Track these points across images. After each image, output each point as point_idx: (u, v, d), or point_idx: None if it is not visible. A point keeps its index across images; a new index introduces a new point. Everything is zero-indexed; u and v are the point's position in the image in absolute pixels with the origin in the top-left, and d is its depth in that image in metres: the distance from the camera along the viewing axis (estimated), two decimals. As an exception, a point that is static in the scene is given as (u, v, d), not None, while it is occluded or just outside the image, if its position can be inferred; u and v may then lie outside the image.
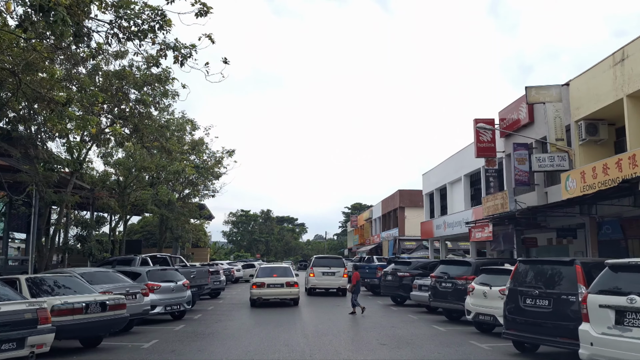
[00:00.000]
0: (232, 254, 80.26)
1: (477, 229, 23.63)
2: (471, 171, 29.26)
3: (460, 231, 28.81)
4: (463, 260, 14.87)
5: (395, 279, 19.17)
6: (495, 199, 22.86)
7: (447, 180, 32.68)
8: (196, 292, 17.77)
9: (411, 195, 44.81)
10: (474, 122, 25.03)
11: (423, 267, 19.33)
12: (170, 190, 34.31)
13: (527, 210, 18.96)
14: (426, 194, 37.49)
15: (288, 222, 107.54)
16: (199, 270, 17.98)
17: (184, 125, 37.61)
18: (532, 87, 19.88)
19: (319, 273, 23.19)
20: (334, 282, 23.12)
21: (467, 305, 12.57)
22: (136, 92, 22.55)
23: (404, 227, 44.16)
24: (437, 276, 14.80)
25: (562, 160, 19.36)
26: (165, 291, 14.64)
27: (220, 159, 39.67)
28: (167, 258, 18.77)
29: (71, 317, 9.50)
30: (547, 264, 9.49)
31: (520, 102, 22.72)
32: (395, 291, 19.22)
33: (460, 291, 13.94)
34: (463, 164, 30.15)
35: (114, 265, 17.76)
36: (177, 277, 15.35)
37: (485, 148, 24.74)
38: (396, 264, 20.08)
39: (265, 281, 19.12)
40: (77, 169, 23.14)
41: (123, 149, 29.11)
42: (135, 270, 15.11)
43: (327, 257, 25.03)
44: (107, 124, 20.54)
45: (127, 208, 31.59)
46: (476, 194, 29.70)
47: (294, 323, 14.19)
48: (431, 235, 34.50)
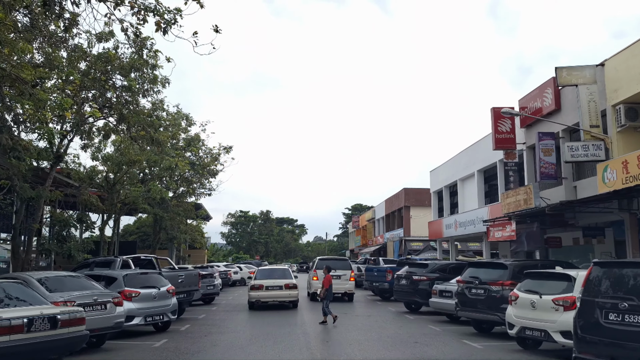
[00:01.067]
0: (231, 256, 77.80)
1: (497, 227, 21.28)
2: (485, 166, 26.94)
3: (474, 230, 26.51)
4: (497, 262, 12.53)
5: (410, 284, 16.82)
6: (517, 195, 20.51)
7: (458, 177, 30.34)
8: (185, 299, 15.41)
9: (417, 194, 42.48)
10: (492, 111, 22.72)
11: (441, 269, 16.99)
12: (163, 187, 31.95)
13: (560, 206, 16.65)
14: (434, 192, 35.15)
15: (288, 223, 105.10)
16: (188, 273, 15.61)
17: (179, 120, 35.35)
18: (562, 68, 17.58)
19: (323, 276, 20.79)
20: (340, 286, 20.74)
21: (508, 317, 10.21)
22: (122, 79, 20.29)
23: (409, 227, 41.82)
24: (466, 281, 12.43)
25: (597, 150, 17.04)
26: (146, 299, 12.28)
27: (217, 156, 37.36)
28: (153, 260, 16.40)
29: (7, 338, 7.16)
30: (635, 267, 7.14)
31: (544, 87, 20.42)
32: (410, 297, 16.85)
33: (494, 299, 11.60)
34: (476, 159, 27.83)
35: (92, 268, 15.42)
36: (161, 283, 12.99)
37: (504, 139, 22.42)
38: (410, 267, 17.72)
39: (264, 283, 18.37)
40: (54, 162, 20.81)
41: (112, 142, 26.84)
42: (110, 274, 12.75)
43: (332, 259, 22.63)
44: (90, 113, 18.19)
45: (117, 207, 29.25)
46: (491, 191, 27.39)
47: (296, 338, 11.83)
48: (440, 236, 32.15)
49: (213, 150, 37.41)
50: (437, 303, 14.77)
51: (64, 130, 21.28)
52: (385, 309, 18.49)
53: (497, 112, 22.60)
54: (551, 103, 19.86)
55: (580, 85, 17.32)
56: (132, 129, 20.82)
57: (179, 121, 35.17)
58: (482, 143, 27.20)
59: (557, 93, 19.66)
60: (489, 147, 26.18)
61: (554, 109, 19.75)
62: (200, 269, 22.26)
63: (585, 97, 17.26)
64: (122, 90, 20.54)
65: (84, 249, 21.02)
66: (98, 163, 28.18)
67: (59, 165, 24.66)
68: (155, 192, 29.18)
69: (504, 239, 20.91)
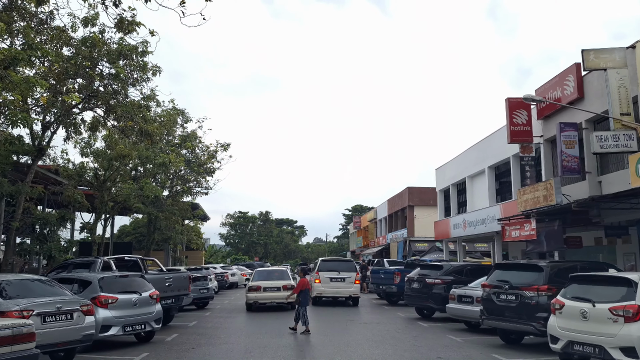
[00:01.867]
0: (229, 257, 76.00)
1: (514, 226, 19.58)
2: (497, 162, 25.26)
3: (485, 230, 24.83)
4: (530, 263, 10.83)
5: (423, 287, 15.12)
6: (535, 191, 18.82)
7: (467, 174, 28.66)
8: (173, 305, 13.71)
9: (421, 193, 40.79)
10: (507, 102, 21.08)
11: (457, 272, 15.29)
12: (157, 185, 30.27)
13: (589, 202, 14.98)
14: (440, 190, 33.46)
15: (287, 224, 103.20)
16: (176, 276, 13.88)
17: (174, 116, 33.68)
18: (589, 51, 15.94)
19: (326, 279, 19.14)
20: (344, 289, 19.08)
21: (551, 329, 8.53)
22: (109, 66, 18.65)
23: (413, 228, 40.10)
24: (494, 285, 10.72)
25: (628, 140, 15.37)
26: (125, 306, 10.59)
27: (214, 153, 35.67)
28: (139, 261, 14.70)
29: None
30: None
31: (565, 75, 18.76)
32: (423, 302, 15.15)
33: (528, 307, 9.91)
34: (487, 155, 26.16)
35: (70, 270, 13.75)
36: (143, 287, 11.29)
37: (520, 132, 20.75)
38: (423, 269, 16.01)
39: (262, 284, 18.08)
40: (36, 155, 19.14)
41: (102, 137, 25.15)
42: (84, 277, 11.06)
43: (336, 260, 20.93)
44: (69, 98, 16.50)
45: (108, 205, 27.54)
46: (503, 188, 25.73)
47: (299, 350, 10.14)
48: (447, 236, 30.44)
49: (210, 147, 35.77)
50: (456, 309, 13.08)
51: (46, 122, 19.64)
52: (394, 314, 16.78)
53: (513, 103, 20.96)
54: (573, 91, 18.20)
55: (609, 70, 15.68)
56: (120, 120, 19.21)
57: (174, 117, 33.57)
58: (494, 138, 25.55)
59: (580, 80, 17.99)
60: (500, 142, 24.53)
61: (576, 98, 18.07)
62: (194, 270, 20.58)
63: (615, 82, 15.61)
64: (109, 79, 18.91)
65: (66, 250, 19.31)
66: (89, 160, 26.55)
67: (43, 160, 23.04)
68: (148, 190, 27.53)
69: (521, 239, 19.21)
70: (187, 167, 34.94)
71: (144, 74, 19.23)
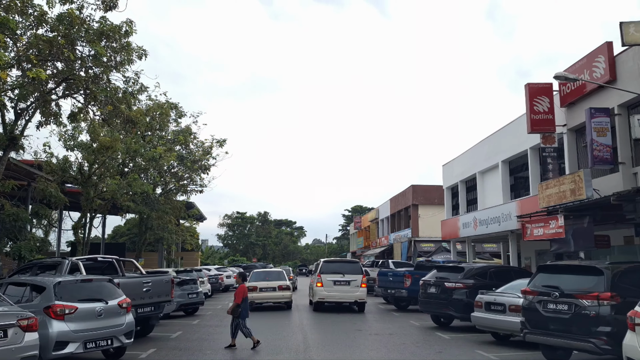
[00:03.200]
0: (226, 259, 73.84)
1: (537, 223, 17.54)
2: (511, 156, 23.26)
3: (498, 229, 22.82)
4: (586, 265, 8.78)
5: (441, 292, 13.09)
6: (560, 185, 16.82)
7: (477, 169, 26.64)
8: (152, 313, 11.66)
9: (426, 192, 38.78)
10: (527, 88, 19.08)
11: (480, 274, 13.25)
12: (148, 182, 28.23)
13: (633, 194, 12.97)
14: (447, 187, 31.43)
15: (286, 225, 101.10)
16: (156, 280, 11.81)
17: (167, 110, 31.63)
18: (629, 23, 13.98)
19: (329, 282, 17.10)
20: (349, 294, 17.04)
21: (629, 351, 6.52)
22: (89, 48, 16.62)
23: (417, 227, 38.08)
24: (539, 292, 8.68)
25: (674, 124, 13.39)
26: (86, 317, 8.55)
27: (209, 149, 33.62)
28: (114, 262, 12.63)
29: None
30: None
31: (594, 56, 16.77)
32: (442, 309, 13.10)
33: (585, 319, 7.89)
34: (500, 148, 24.17)
35: (34, 272, 11.70)
36: (111, 294, 9.23)
37: (541, 121, 18.77)
38: (440, 271, 13.95)
39: (258, 285, 18.41)
40: (7, 145, 17.07)
41: (85, 127, 23.09)
42: (38, 281, 9.00)
43: (340, 261, 18.86)
44: (34, 74, 14.42)
45: (95, 202, 25.47)
46: (517, 184, 23.73)
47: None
48: (455, 236, 28.40)
49: (205, 143, 33.74)
50: (483, 319, 11.05)
51: (19, 109, 17.59)
52: (406, 323, 14.74)
53: (533, 89, 18.99)
54: (604, 73, 16.19)
55: (651, 44, 13.70)
56: (101, 106, 17.19)
57: (167, 110, 31.54)
58: (508, 130, 23.58)
59: (612, 60, 16.00)
60: (515, 134, 22.57)
61: (607, 80, 16.07)
62: (183, 273, 18.53)
63: (658, 59, 13.63)
64: (89, 62, 16.87)
65: (38, 249, 17.27)
66: (73, 154, 24.52)
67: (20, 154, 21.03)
68: (136, 186, 25.48)
69: (545, 238, 17.17)
70: (181, 163, 32.92)
71: (128, 55, 17.16)
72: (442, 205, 37.98)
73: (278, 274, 19.54)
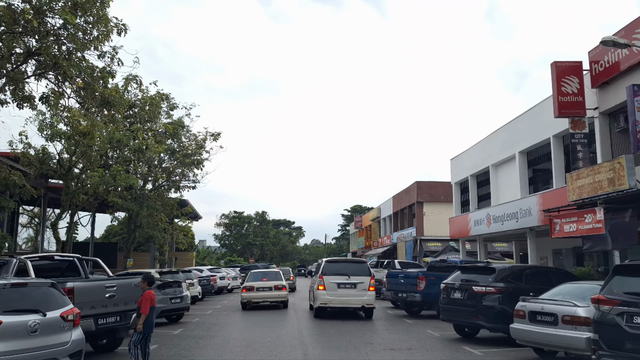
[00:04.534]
0: (223, 259, 71.48)
1: (568, 218, 15.32)
2: (530, 146, 21.08)
3: (516, 226, 20.64)
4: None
5: (468, 298, 10.85)
6: (595, 174, 14.62)
7: (491, 162, 24.45)
8: (118, 324, 9.40)
9: (431, 188, 36.56)
10: (554, 67, 16.92)
11: (515, 276, 11.01)
12: (135, 176, 25.98)
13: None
14: (456, 183, 29.21)
15: (284, 225, 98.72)
16: (123, 284, 9.53)
17: (158, 101, 29.41)
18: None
19: (333, 285, 14.85)
20: (356, 298, 14.80)
21: None
22: (60, 17, 14.40)
23: (422, 226, 35.85)
24: (622, 302, 6.46)
25: None
26: (13, 334, 6.32)
27: (202, 142, 31.35)
28: (76, 262, 10.39)
29: None
30: None
31: (634, 27, 14.62)
32: (468, 318, 10.86)
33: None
34: (517, 138, 21.98)
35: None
36: (52, 303, 6.99)
37: (570, 103, 16.62)
38: (465, 272, 11.68)
39: (255, 285, 18.82)
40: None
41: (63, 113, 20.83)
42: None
43: (345, 261, 16.58)
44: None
45: (77, 197, 23.22)
46: (537, 177, 21.55)
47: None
48: (466, 234, 26.17)
49: (198, 135, 31.45)
50: (527, 332, 8.81)
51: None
52: (424, 332, 12.51)
53: (561, 69, 16.83)
54: (648, 45, 14.00)
55: None
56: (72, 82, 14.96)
57: (158, 101, 29.30)
58: (526, 118, 21.41)
59: (656, 31, 13.85)
60: (536, 122, 20.41)
61: (652, 53, 13.90)
62: (167, 274, 16.29)
63: None
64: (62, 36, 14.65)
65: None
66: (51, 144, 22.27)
67: None
68: (121, 180, 23.23)
69: (579, 234, 14.93)
70: (172, 156, 30.65)
71: (104, 25, 14.90)
72: (448, 202, 35.80)
73: (275, 274, 19.80)
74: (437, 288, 15.17)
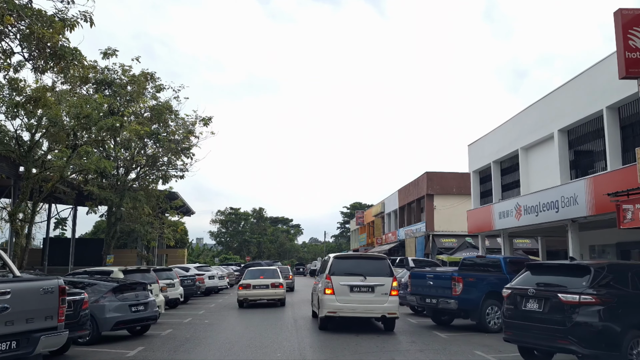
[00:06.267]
0: (218, 257, 67.76)
1: (646, 203, 11.78)
2: (574, 122, 17.54)
3: (556, 217, 17.20)
4: None
5: (551, 310, 7.28)
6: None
7: (521, 145, 20.91)
8: (11, 354, 5.79)
9: (442, 180, 33.02)
10: (618, 15, 13.34)
11: (619, 279, 7.41)
12: (107, 158, 22.41)
13: None
14: (475, 171, 25.66)
15: (282, 223, 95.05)
16: (25, 289, 5.94)
17: (142, 80, 25.83)
18: None
19: (344, 288, 11.27)
20: (374, 305, 11.24)
21: None
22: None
23: (432, 220, 32.31)
24: None
25: None
26: None
27: (192, 126, 27.64)
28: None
29: None
30: None
31: None
32: (552, 340, 7.24)
33: None
34: (556, 114, 18.45)
35: None
36: None
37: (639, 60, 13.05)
38: (539, 272, 8.08)
39: (252, 282, 18.35)
40: None
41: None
42: None
43: (359, 257, 12.69)
44: None
45: (41, 183, 19.65)
46: (580, 159, 18.01)
47: None
48: (488, 228, 22.65)
49: (187, 119, 27.68)
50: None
51: None
52: (471, 353, 8.97)
53: (627, 18, 13.25)
54: None
55: None
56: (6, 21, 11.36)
57: (141, 82, 25.70)
58: (568, 89, 17.90)
59: None
60: (583, 92, 16.88)
61: None
62: (131, 274, 12.70)
63: None
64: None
65: None
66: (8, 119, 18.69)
67: None
68: (91, 162, 19.66)
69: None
70: (157, 142, 26.93)
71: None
72: (460, 195, 32.33)
73: (272, 272, 19.12)
74: (476, 292, 11.65)
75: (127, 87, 25.43)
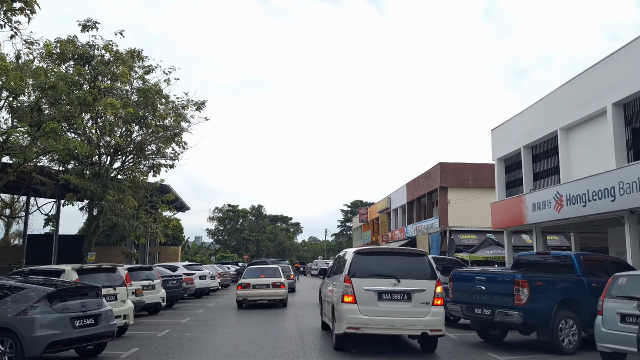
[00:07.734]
0: (215, 255, 64.56)
1: None
2: (630, 95, 14.48)
3: (609, 208, 14.17)
4: None
5: None
6: None
7: (560, 125, 17.81)
8: None
9: (457, 171, 29.90)
10: None
11: None
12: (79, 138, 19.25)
13: None
14: (500, 158, 22.55)
15: (281, 221, 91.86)
16: None
17: (128, 58, 22.68)
18: None
19: (370, 295, 8.16)
20: (412, 318, 8.10)
21: None
22: None
23: (446, 215, 29.21)
24: None
25: None
26: None
27: (183, 108, 24.42)
28: None
29: None
30: None
31: None
32: None
33: None
34: (608, 85, 15.38)
35: None
36: None
37: None
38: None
39: (251, 282, 17.32)
40: None
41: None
42: None
43: (388, 253, 9.10)
44: None
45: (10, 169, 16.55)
46: (638, 138, 14.95)
47: None
48: (519, 222, 19.55)
49: (177, 101, 24.42)
50: None
51: None
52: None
53: None
54: None
55: None
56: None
57: (127, 60, 22.52)
58: (623, 56, 14.82)
59: None
60: (637, 60, 13.87)
61: None
62: (86, 273, 9.59)
63: None
64: None
65: None
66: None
67: None
68: (60, 142, 16.49)
69: None
70: (144, 127, 23.69)
71: None
72: (477, 187, 29.26)
73: (273, 271, 18.23)
74: (546, 301, 8.55)
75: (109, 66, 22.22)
